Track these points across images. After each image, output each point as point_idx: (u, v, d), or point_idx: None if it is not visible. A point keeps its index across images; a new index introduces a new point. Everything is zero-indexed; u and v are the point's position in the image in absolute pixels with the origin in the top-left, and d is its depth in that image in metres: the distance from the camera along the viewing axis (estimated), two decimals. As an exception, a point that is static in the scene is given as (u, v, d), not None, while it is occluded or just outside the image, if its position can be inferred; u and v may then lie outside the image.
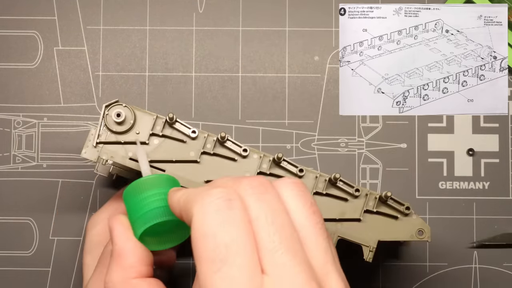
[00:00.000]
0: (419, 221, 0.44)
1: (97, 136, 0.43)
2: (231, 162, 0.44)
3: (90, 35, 0.52)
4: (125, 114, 0.43)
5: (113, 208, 0.47)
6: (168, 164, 0.43)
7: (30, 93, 0.52)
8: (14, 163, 0.51)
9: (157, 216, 0.38)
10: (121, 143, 0.43)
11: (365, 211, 0.44)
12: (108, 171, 0.49)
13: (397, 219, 0.44)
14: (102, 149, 0.43)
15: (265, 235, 0.30)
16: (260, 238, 0.30)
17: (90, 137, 0.43)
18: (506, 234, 0.51)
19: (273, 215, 0.31)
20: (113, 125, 0.43)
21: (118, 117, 0.43)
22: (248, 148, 0.44)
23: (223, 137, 0.43)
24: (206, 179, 0.43)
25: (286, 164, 0.44)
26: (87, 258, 0.45)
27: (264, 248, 0.30)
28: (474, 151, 0.52)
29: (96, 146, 0.43)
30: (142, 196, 0.38)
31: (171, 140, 0.44)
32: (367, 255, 0.43)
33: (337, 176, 0.43)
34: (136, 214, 0.38)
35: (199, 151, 0.43)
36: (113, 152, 0.43)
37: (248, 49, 0.52)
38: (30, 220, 0.51)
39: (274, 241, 0.30)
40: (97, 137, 0.43)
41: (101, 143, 0.43)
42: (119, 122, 0.43)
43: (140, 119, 0.43)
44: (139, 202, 0.38)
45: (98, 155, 0.43)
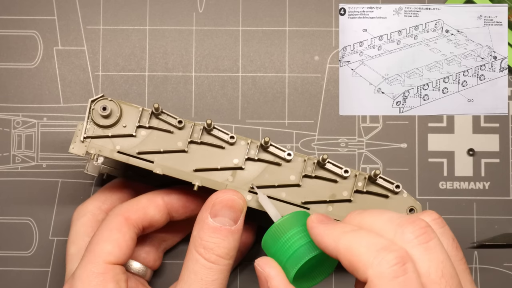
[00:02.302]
0: (410, 199, 0.44)
1: (84, 131, 0.43)
2: (219, 149, 0.44)
3: (90, 35, 0.52)
4: (111, 107, 0.43)
5: (100, 200, 0.47)
6: (157, 155, 0.43)
7: (29, 93, 0.52)
8: (13, 163, 0.51)
9: (307, 253, 0.38)
10: (108, 137, 0.43)
11: (355, 191, 0.44)
12: (99, 170, 0.49)
13: (388, 197, 0.44)
14: (90, 144, 0.43)
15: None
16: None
17: (77, 132, 0.43)
18: (506, 234, 0.51)
19: (443, 267, 0.33)
20: (100, 119, 0.43)
21: (104, 110, 0.43)
22: (235, 135, 0.44)
23: (210, 125, 0.43)
24: (195, 168, 0.43)
25: (274, 149, 0.44)
26: (72, 249, 0.45)
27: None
28: (474, 151, 0.52)
29: (83, 141, 0.43)
30: (283, 239, 0.39)
31: (158, 131, 0.44)
32: None
33: (325, 157, 0.43)
34: (284, 257, 0.39)
35: (187, 140, 0.44)
36: (101, 146, 0.43)
37: (248, 49, 0.52)
38: (30, 220, 0.51)
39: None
40: (84, 132, 0.43)
41: (89, 137, 0.43)
42: (106, 115, 0.43)
43: (126, 112, 0.44)
44: (282, 245, 0.39)
45: (86, 149, 0.43)
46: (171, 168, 0.43)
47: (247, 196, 0.43)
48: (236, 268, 0.51)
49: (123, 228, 0.42)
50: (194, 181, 0.43)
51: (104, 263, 0.41)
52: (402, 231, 0.34)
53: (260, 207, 0.43)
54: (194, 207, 0.45)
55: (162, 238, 0.49)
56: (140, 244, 0.47)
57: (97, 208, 0.47)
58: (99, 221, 0.46)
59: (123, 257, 0.42)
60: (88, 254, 0.41)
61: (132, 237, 0.43)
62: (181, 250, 0.51)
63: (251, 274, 0.51)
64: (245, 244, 0.49)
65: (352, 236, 0.35)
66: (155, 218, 0.44)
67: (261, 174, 0.44)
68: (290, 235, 0.39)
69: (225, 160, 0.44)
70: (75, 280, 0.41)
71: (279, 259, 0.39)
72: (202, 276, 0.40)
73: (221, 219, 0.41)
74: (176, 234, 0.50)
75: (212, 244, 0.40)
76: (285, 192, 0.44)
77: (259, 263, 0.39)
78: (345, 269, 0.35)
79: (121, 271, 0.42)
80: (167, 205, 0.45)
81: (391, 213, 0.36)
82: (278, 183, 0.44)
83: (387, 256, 0.33)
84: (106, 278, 0.41)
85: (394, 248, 0.33)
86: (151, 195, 0.45)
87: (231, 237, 0.41)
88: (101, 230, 0.42)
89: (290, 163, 0.44)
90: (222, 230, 0.41)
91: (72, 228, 0.46)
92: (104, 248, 0.41)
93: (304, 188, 0.44)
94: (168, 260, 0.51)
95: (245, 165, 0.44)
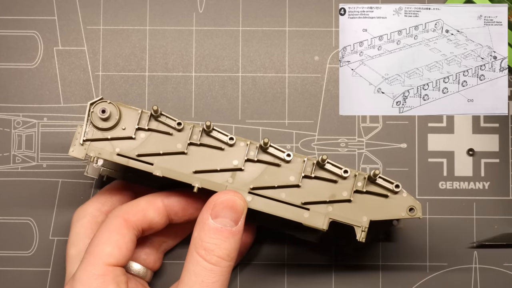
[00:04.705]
0: (410, 199, 0.44)
1: (83, 134, 0.43)
2: (218, 151, 0.44)
3: (90, 35, 0.52)
4: (110, 110, 0.43)
5: (100, 202, 0.47)
6: (156, 157, 0.43)
7: (30, 93, 0.52)
8: (14, 163, 0.51)
9: None
10: (107, 139, 0.43)
11: (355, 191, 0.44)
12: (98, 173, 0.49)
13: (388, 197, 0.44)
14: (90, 147, 0.43)
15: None
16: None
17: (76, 135, 0.43)
18: (506, 234, 0.51)
19: None
20: (99, 121, 0.43)
21: (103, 113, 0.43)
22: (234, 136, 0.44)
23: (209, 127, 0.43)
24: (194, 170, 0.43)
25: (273, 150, 0.44)
26: (72, 250, 0.45)
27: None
28: (474, 151, 0.52)
29: (83, 143, 0.43)
30: None
31: (157, 134, 0.44)
32: (360, 235, 0.43)
33: (324, 158, 0.43)
34: None
35: (186, 142, 0.44)
36: (101, 149, 0.43)
37: (248, 49, 0.52)
38: (30, 220, 0.51)
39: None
40: (83, 135, 0.43)
41: (88, 140, 0.43)
42: (105, 118, 0.43)
43: (126, 114, 0.44)
44: None
45: (86, 152, 0.43)
46: (170, 170, 0.43)
47: (247, 197, 0.43)
48: (236, 268, 0.51)
49: (122, 230, 0.42)
50: (193, 182, 0.43)
51: (104, 265, 0.41)
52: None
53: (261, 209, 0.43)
54: (193, 210, 0.45)
55: (162, 239, 0.49)
56: (140, 246, 0.47)
57: (96, 210, 0.47)
58: (99, 223, 0.46)
59: (123, 258, 0.42)
60: (88, 256, 0.41)
61: (132, 239, 0.43)
62: (181, 251, 0.51)
63: (251, 274, 0.51)
64: (244, 244, 0.49)
65: None
66: (154, 220, 0.44)
67: (261, 175, 0.44)
68: None
69: (225, 162, 0.44)
70: (76, 282, 0.41)
71: None
72: (203, 278, 0.40)
73: (222, 220, 0.41)
74: (176, 236, 0.50)
75: (213, 245, 0.41)
76: (284, 193, 0.44)
77: None
78: None
79: (122, 273, 0.42)
80: (166, 207, 0.45)
81: None
82: (277, 184, 0.44)
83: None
84: (107, 280, 0.41)
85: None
86: (151, 197, 0.45)
87: (232, 238, 0.41)
88: (100, 232, 0.43)
89: (290, 163, 0.44)
90: (223, 231, 0.41)
91: (72, 229, 0.46)
92: (104, 250, 0.41)
93: (303, 189, 0.44)
94: (168, 261, 0.51)
95: (244, 166, 0.44)
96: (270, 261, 0.52)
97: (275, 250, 0.52)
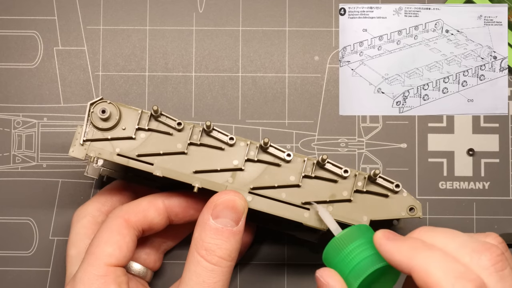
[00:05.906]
0: (410, 198, 0.44)
1: (83, 134, 0.43)
2: (218, 151, 0.44)
3: (90, 35, 0.52)
4: (110, 110, 0.43)
5: (100, 202, 0.47)
6: (156, 157, 0.43)
7: (30, 93, 0.52)
8: (14, 163, 0.51)
9: (371, 265, 0.38)
10: (108, 139, 0.43)
11: (355, 191, 0.44)
12: (99, 173, 0.49)
13: (388, 197, 0.44)
14: (90, 147, 0.43)
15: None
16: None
17: (77, 135, 0.43)
18: (506, 234, 0.51)
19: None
20: (99, 122, 0.43)
21: (103, 113, 0.43)
22: (234, 136, 0.44)
23: (209, 127, 0.43)
24: (195, 170, 0.43)
25: (273, 150, 0.44)
26: (72, 251, 0.45)
27: None
28: (474, 151, 0.52)
29: (83, 144, 0.43)
30: (346, 251, 0.39)
31: (157, 134, 0.44)
32: None
33: (324, 158, 0.43)
34: (347, 269, 0.38)
35: (186, 142, 0.44)
36: (101, 149, 0.43)
37: (248, 49, 0.52)
38: (30, 220, 0.51)
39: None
40: (83, 135, 0.43)
41: (88, 140, 0.43)
42: (105, 118, 0.43)
43: (126, 114, 0.44)
44: (345, 257, 0.39)
45: (86, 152, 0.43)
46: (171, 170, 0.43)
47: (248, 197, 0.43)
48: (236, 268, 0.51)
49: (123, 230, 0.42)
50: (194, 182, 0.43)
51: (105, 265, 0.41)
52: (479, 257, 0.35)
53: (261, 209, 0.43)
54: (193, 212, 0.45)
55: (162, 239, 0.49)
56: (140, 246, 0.47)
57: (97, 210, 0.47)
58: (99, 223, 0.46)
59: (123, 259, 0.42)
60: (88, 257, 0.41)
61: (133, 239, 0.43)
62: (181, 250, 0.51)
63: (251, 274, 0.51)
64: (244, 244, 0.49)
65: (428, 256, 0.35)
66: (155, 221, 0.44)
67: (261, 175, 0.44)
68: (352, 248, 0.39)
69: (225, 162, 0.44)
70: (77, 283, 0.41)
71: (341, 270, 0.39)
72: (204, 279, 0.40)
73: (223, 220, 0.41)
74: (176, 236, 0.50)
75: (214, 245, 0.41)
76: (285, 193, 0.44)
77: (321, 274, 0.39)
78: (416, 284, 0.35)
79: (122, 273, 0.42)
80: (167, 208, 0.45)
81: (464, 236, 0.36)
82: (278, 183, 0.44)
83: (465, 286, 0.33)
84: (108, 281, 0.41)
85: (472, 277, 0.34)
86: (151, 198, 0.45)
87: (233, 238, 0.41)
88: (101, 232, 0.42)
89: (290, 163, 0.44)
90: (224, 232, 0.41)
91: (72, 230, 0.46)
92: (105, 250, 0.41)
93: (304, 189, 0.44)
94: (168, 261, 0.51)
95: (244, 166, 0.44)
96: (270, 261, 0.52)
97: (275, 250, 0.52)
